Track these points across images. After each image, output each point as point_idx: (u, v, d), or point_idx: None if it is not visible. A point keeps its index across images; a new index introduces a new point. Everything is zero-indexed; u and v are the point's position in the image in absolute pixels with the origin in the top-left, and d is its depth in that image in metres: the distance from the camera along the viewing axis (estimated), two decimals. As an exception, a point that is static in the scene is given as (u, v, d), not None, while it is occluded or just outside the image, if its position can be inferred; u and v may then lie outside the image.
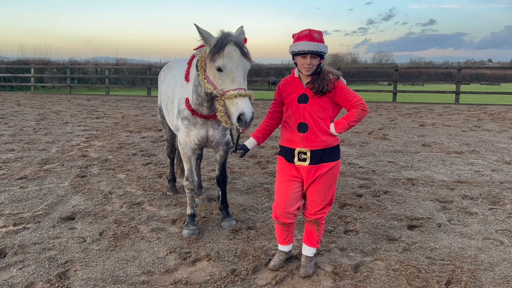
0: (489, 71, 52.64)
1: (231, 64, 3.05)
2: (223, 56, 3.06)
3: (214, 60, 3.07)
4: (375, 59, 67.45)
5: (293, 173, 3.18)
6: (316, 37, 2.97)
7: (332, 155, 3.12)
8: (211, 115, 3.77)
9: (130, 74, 27.58)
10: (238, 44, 3.12)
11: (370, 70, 38.82)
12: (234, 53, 3.08)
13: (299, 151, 3.09)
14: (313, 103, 3.06)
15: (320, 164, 3.10)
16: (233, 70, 3.05)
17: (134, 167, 6.62)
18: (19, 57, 32.10)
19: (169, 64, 5.14)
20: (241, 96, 2.97)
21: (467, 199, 5.12)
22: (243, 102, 2.96)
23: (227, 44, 3.08)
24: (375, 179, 5.99)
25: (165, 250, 3.70)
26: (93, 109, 14.98)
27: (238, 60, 3.08)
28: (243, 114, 2.94)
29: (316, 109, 3.05)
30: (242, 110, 2.94)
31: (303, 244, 3.37)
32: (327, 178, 3.14)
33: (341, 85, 3.07)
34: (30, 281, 3.14)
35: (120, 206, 4.82)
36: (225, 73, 3.07)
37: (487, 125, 11.26)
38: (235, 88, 3.00)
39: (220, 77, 3.09)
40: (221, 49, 3.06)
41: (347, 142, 8.91)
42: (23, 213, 4.54)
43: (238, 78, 3.04)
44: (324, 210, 3.24)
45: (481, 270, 3.36)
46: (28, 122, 11.40)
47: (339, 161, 3.19)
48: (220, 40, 3.10)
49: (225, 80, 3.08)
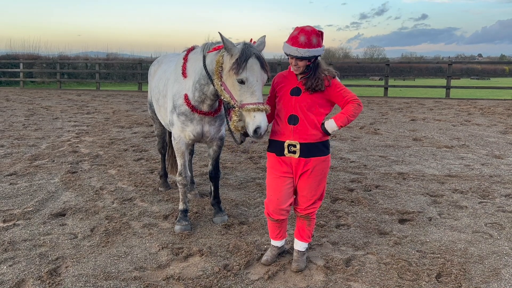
0: (479, 66, 53.07)
1: (252, 78, 3.10)
2: (246, 69, 3.10)
3: (237, 73, 3.11)
4: (366, 53, 67.54)
5: (284, 168, 3.19)
6: (301, 41, 2.97)
7: (321, 150, 3.14)
8: (210, 112, 3.80)
9: (121, 68, 27.30)
10: (259, 57, 3.17)
11: (362, 65, 38.86)
12: (256, 66, 3.12)
13: (289, 143, 3.11)
14: (305, 96, 3.08)
15: (310, 158, 3.11)
16: (254, 83, 3.10)
17: (125, 162, 6.59)
18: (7, 52, 31.60)
19: (160, 58, 5.10)
20: (259, 110, 3.05)
21: (457, 193, 5.18)
22: (260, 116, 3.04)
23: (250, 57, 3.12)
24: (366, 174, 6.03)
25: (157, 245, 3.69)
26: (84, 105, 14.84)
27: (259, 74, 3.13)
28: (260, 128, 3.03)
29: (307, 103, 3.07)
30: (260, 124, 3.02)
31: (295, 239, 3.39)
32: (317, 173, 3.15)
33: (335, 82, 3.09)
34: (20, 278, 3.12)
35: (111, 202, 4.79)
36: (246, 85, 3.12)
37: (477, 120, 11.37)
38: (254, 102, 3.07)
39: (240, 88, 3.14)
40: (244, 61, 3.10)
41: (338, 136, 8.95)
42: (13, 209, 4.50)
43: (258, 92, 3.11)
44: (315, 205, 3.25)
45: (471, 263, 3.41)
46: (17, 118, 11.27)
47: (329, 156, 3.21)
48: (244, 52, 3.13)
49: (245, 92, 3.12)
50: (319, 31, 3.06)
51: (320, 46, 3.05)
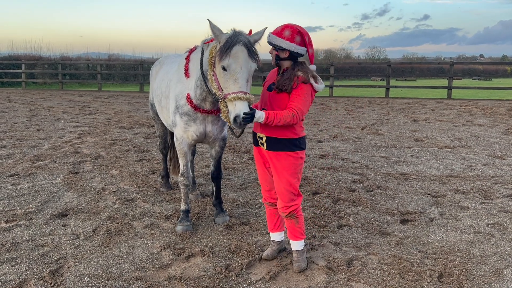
0: (481, 66, 52.98)
1: (235, 65, 3.06)
2: (230, 56, 3.07)
3: (221, 59, 3.08)
4: (368, 54, 67.57)
5: (263, 159, 3.38)
6: (279, 31, 3.14)
7: (288, 146, 3.18)
8: (212, 110, 3.80)
9: (123, 69, 27.37)
10: (246, 44, 3.12)
11: (363, 66, 38.83)
12: (241, 54, 3.08)
13: (258, 136, 3.28)
14: (274, 92, 3.20)
15: (276, 152, 3.20)
16: (236, 71, 3.06)
17: (127, 163, 6.60)
18: (9, 53, 31.68)
19: (161, 59, 5.11)
20: (240, 99, 3.00)
21: (459, 193, 5.17)
22: (241, 105, 2.99)
23: (236, 44, 3.08)
24: (368, 174, 6.02)
25: (159, 246, 3.70)
26: (85, 105, 14.87)
27: (243, 61, 3.08)
28: (239, 117, 2.98)
29: (277, 98, 3.19)
30: (239, 113, 2.98)
31: (290, 240, 3.39)
32: (285, 168, 3.19)
33: (301, 87, 3.09)
34: (23, 278, 3.12)
35: (113, 203, 4.80)
36: (228, 72, 3.08)
37: (479, 120, 11.35)
38: (236, 91, 3.03)
39: (224, 75, 3.11)
40: (229, 48, 3.06)
41: (340, 137, 8.95)
42: (15, 210, 4.51)
43: (241, 80, 3.06)
44: (295, 201, 3.25)
45: (473, 264, 3.40)
46: (19, 119, 11.30)
47: (298, 152, 3.20)
48: (229, 39, 3.10)
49: (228, 79, 3.09)
50: (299, 30, 3.12)
51: (293, 41, 3.09)
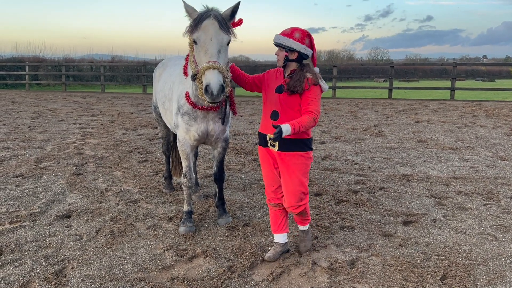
0: (484, 67, 52.79)
1: (205, 36, 3.07)
2: (200, 29, 3.08)
3: (192, 32, 3.10)
4: (370, 55, 67.59)
5: (270, 160, 3.41)
6: (288, 32, 3.19)
7: (300, 146, 3.27)
8: (211, 107, 3.79)
9: (126, 71, 27.48)
10: (217, 17, 3.12)
11: (366, 67, 38.82)
12: (212, 26, 3.09)
13: (269, 137, 3.26)
14: (286, 94, 3.24)
15: (288, 152, 3.25)
16: (206, 42, 3.07)
17: (130, 164, 6.62)
18: (13, 55, 31.89)
19: (164, 61, 5.12)
20: (209, 68, 2.97)
21: (462, 194, 5.16)
22: (210, 73, 2.96)
23: (206, 18, 3.10)
24: (370, 176, 6.02)
25: (161, 247, 3.71)
26: (89, 107, 14.92)
27: (213, 33, 3.08)
28: (209, 86, 2.93)
29: (288, 100, 3.23)
30: (209, 81, 2.95)
31: (298, 225, 3.62)
32: (297, 167, 3.28)
33: (313, 89, 3.19)
34: (26, 279, 3.14)
35: (116, 204, 4.82)
36: (199, 45, 3.09)
37: (482, 121, 11.32)
38: (207, 60, 3.01)
39: (196, 49, 3.14)
40: (199, 22, 3.08)
41: (343, 138, 8.94)
42: (19, 211, 4.53)
43: (211, 49, 3.04)
44: (303, 200, 3.37)
45: (476, 265, 3.40)
46: (23, 120, 11.35)
47: (309, 153, 3.34)
48: (200, 14, 3.13)
49: (199, 52, 3.11)
50: (308, 33, 3.24)
51: (303, 43, 3.19)
